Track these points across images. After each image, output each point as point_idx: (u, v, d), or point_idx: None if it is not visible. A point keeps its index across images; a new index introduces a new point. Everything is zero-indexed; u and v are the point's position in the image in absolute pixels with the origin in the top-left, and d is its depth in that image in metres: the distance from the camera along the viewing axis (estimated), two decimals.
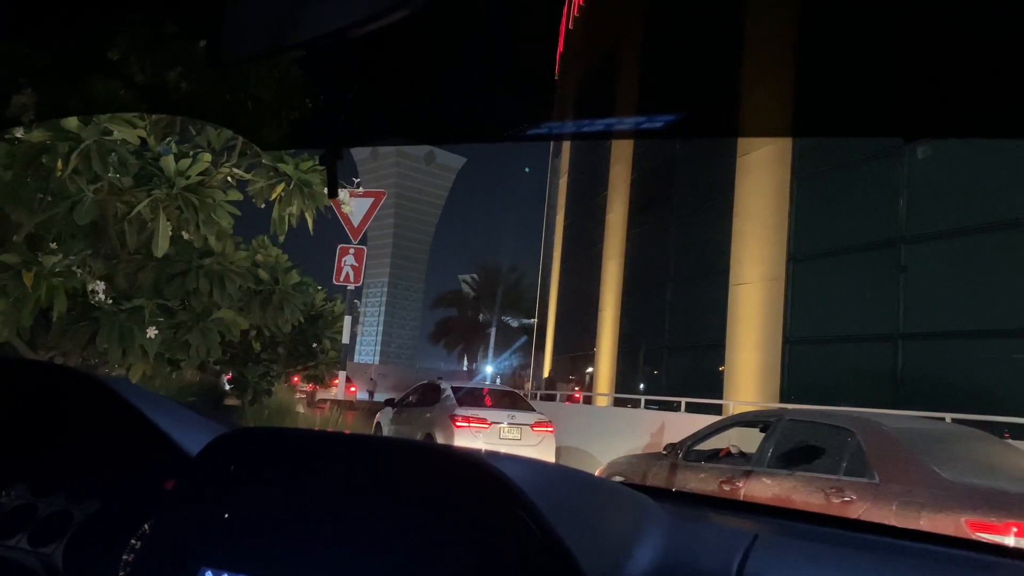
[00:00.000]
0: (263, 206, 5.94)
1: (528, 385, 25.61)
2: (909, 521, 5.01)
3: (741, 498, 5.79)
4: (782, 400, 14.28)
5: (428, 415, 11.70)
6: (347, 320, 10.06)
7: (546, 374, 28.68)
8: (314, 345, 10.99)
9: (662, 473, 6.90)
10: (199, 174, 4.65)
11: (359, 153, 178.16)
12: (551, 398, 19.42)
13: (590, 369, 23.80)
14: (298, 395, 19.63)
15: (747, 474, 6.23)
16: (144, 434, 1.31)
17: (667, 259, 20.18)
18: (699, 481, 6.52)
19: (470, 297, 55.22)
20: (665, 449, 7.33)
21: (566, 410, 17.97)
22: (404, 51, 1.26)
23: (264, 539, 1.03)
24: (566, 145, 29.84)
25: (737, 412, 12.43)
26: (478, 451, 1.00)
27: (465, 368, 56.83)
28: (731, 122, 1.49)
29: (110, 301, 5.27)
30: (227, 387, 12.30)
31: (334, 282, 10.22)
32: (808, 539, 1.09)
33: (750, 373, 15.52)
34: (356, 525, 1.01)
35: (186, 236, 6.10)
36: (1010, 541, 4.60)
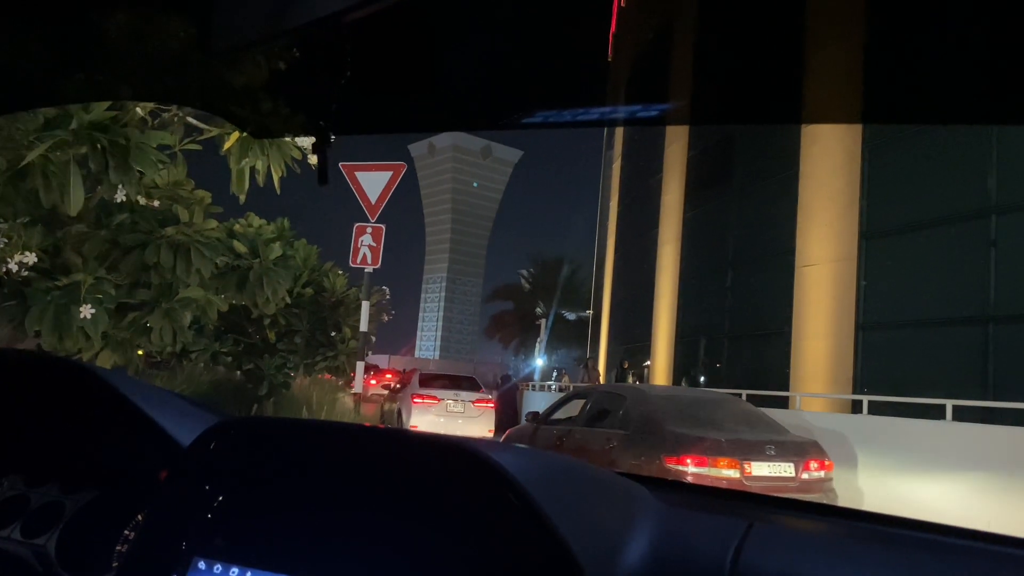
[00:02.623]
0: (236, 166, 5.00)
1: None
2: (635, 459, 6.98)
3: (563, 447, 8.12)
4: (855, 391, 13.00)
5: (401, 394, 15.05)
6: (365, 306, 9.22)
7: (602, 367, 27.76)
8: (333, 334, 10.20)
9: (527, 435, 9.04)
10: (108, 109, 3.71)
11: (416, 150, 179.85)
12: None
13: (647, 362, 22.61)
14: (351, 388, 19.55)
15: (569, 431, 8.38)
16: (136, 424, 1.29)
17: (727, 241, 18.94)
18: (545, 439, 8.63)
19: (526, 290, 54.55)
20: (527, 417, 9.65)
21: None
22: (433, 31, 1.23)
23: (257, 529, 1.03)
24: (620, 127, 28.73)
25: (806, 404, 11.67)
26: (473, 440, 0.99)
27: (527, 362, 56.06)
28: (795, 106, 1.33)
29: (25, 273, 4.40)
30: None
31: (350, 264, 9.40)
32: (803, 528, 1.12)
33: (819, 363, 14.29)
34: (349, 514, 1.00)
35: (143, 201, 5.22)
36: (686, 468, 6.56)
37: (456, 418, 14.01)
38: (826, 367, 14.14)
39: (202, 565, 1.01)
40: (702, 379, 19.15)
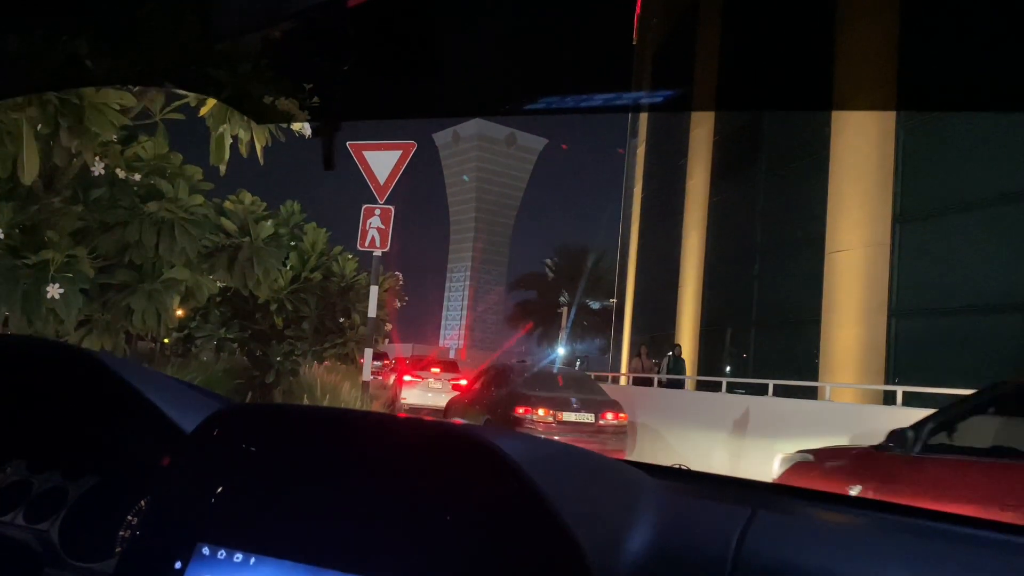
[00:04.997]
0: (215, 133, 4.62)
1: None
2: (502, 409, 10.27)
3: (474, 403, 11.29)
4: (888, 382, 12.46)
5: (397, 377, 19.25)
6: (374, 290, 8.85)
7: (624, 355, 27.35)
8: (342, 320, 9.87)
9: (459, 399, 12.62)
10: None
11: (440, 138, 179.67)
12: (648, 382, 17.69)
13: (671, 353, 22.11)
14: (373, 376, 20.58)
15: (479, 394, 11.51)
16: (139, 410, 1.30)
17: (754, 227, 18.38)
18: (468, 399, 11.89)
19: (549, 279, 54.23)
20: (458, 387, 14.06)
21: (638, 394, 16.45)
22: (451, 11, 1.24)
23: (260, 515, 1.03)
24: (644, 112, 28.17)
25: (836, 395, 11.60)
26: (475, 426, 0.99)
27: (549, 350, 55.82)
28: (825, 91, 1.25)
29: None
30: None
31: (358, 247, 9.04)
32: (807, 515, 1.12)
33: (850, 352, 13.77)
34: (350, 499, 1.00)
35: (121, 174, 4.87)
36: (521, 415, 9.86)
37: (438, 392, 17.83)
38: (857, 356, 13.62)
39: (205, 551, 1.00)
40: (728, 369, 18.64)
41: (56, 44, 1.35)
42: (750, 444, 10.76)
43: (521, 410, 9.86)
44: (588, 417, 10.12)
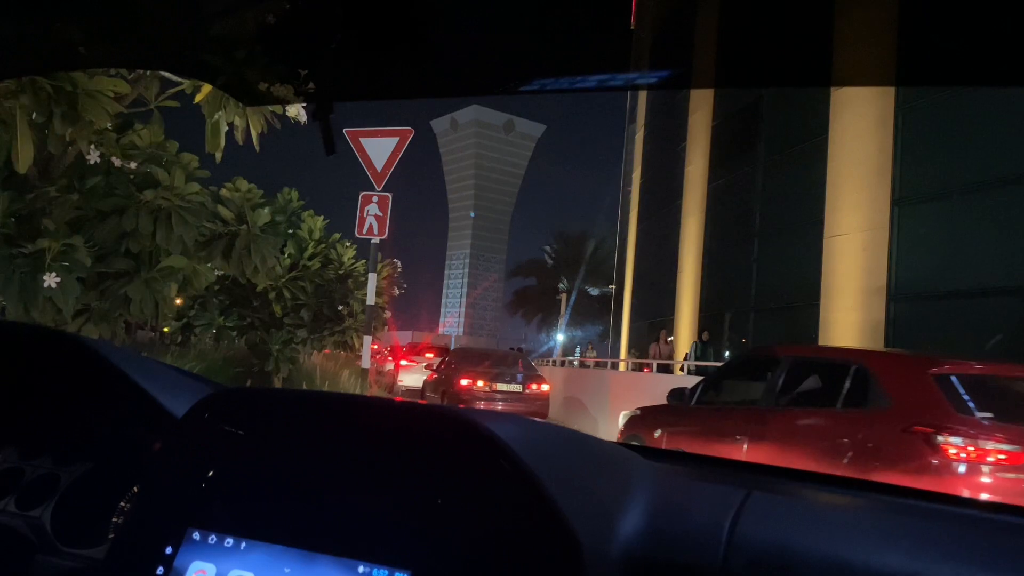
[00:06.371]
0: (210, 120, 4.59)
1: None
2: (451, 381, 12.96)
3: (438, 380, 13.97)
4: None
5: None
6: (372, 278, 8.83)
7: (623, 343, 27.37)
8: (340, 308, 9.86)
9: (430, 378, 15.14)
10: None
11: (438, 125, 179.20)
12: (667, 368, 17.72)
13: (671, 337, 22.13)
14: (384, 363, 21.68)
15: (439, 372, 14.38)
16: (130, 396, 1.31)
17: (753, 212, 18.35)
18: (435, 378, 14.50)
19: (549, 266, 54.26)
20: (425, 367, 16.79)
21: (638, 381, 16.47)
22: None
23: (251, 499, 1.03)
24: (642, 95, 28.11)
25: None
26: (467, 410, 0.98)
27: (549, 337, 55.96)
28: (825, 67, 1.24)
29: None
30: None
31: (356, 234, 9.00)
32: (802, 497, 1.11)
33: (849, 336, 13.79)
34: (342, 484, 1.00)
35: (117, 162, 4.86)
36: (462, 384, 12.64)
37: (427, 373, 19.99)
38: (856, 340, 13.62)
39: (196, 536, 1.00)
40: (727, 354, 18.66)
41: (48, 27, 1.33)
42: None
43: (465, 381, 12.51)
44: (517, 387, 12.83)
